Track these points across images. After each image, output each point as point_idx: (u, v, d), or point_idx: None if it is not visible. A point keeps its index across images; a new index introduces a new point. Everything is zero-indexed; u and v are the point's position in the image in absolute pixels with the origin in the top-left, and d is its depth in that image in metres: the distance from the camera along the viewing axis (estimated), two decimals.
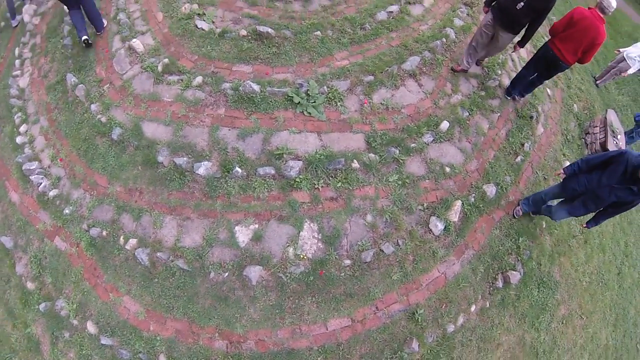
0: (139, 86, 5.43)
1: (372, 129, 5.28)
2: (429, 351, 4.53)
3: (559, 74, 6.51)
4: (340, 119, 5.25)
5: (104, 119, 5.22)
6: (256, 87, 5.19)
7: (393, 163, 5.10)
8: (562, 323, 5.90)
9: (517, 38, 5.53)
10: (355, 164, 4.87)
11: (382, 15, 6.59)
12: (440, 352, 4.59)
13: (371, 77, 5.70)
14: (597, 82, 9.78)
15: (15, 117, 5.94)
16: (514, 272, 5.27)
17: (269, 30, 5.82)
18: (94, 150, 5.11)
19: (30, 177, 5.20)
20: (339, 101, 5.33)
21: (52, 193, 5.03)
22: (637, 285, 7.74)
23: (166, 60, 5.47)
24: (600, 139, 7.46)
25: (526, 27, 5.16)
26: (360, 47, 6.16)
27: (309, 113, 5.15)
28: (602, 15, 5.08)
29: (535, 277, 5.66)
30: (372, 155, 5.03)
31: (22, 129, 5.75)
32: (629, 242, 7.87)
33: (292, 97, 5.18)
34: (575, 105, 7.98)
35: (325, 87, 5.42)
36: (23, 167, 5.27)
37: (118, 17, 6.25)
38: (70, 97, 5.65)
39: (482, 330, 4.99)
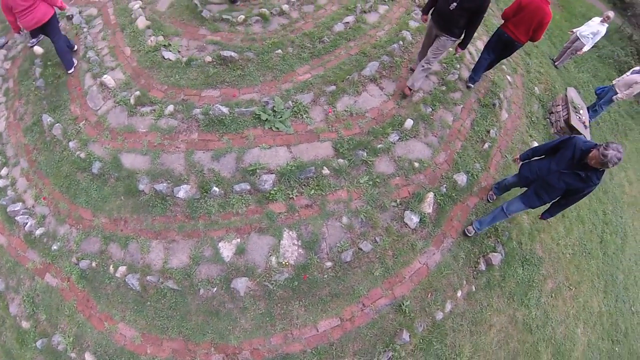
0: (114, 120, 5.49)
1: (338, 136, 5.39)
2: (421, 340, 4.57)
3: (519, 61, 7.09)
4: (307, 130, 5.35)
5: (83, 155, 5.25)
6: (225, 110, 5.30)
7: (362, 165, 5.19)
8: (552, 296, 5.95)
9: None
10: (326, 171, 4.97)
11: (339, 27, 6.74)
12: (432, 339, 4.63)
13: (333, 87, 5.82)
14: (556, 63, 9.96)
15: None
16: (494, 253, 5.32)
17: (232, 54, 5.94)
18: (76, 185, 5.13)
19: (15, 218, 5.19)
20: (304, 113, 5.45)
21: (38, 232, 5.02)
22: (622, 251, 7.82)
23: (137, 92, 5.56)
24: (563, 116, 7.57)
25: (465, 29, 5.14)
26: (320, 59, 6.28)
27: (277, 128, 5.25)
28: None
29: (517, 256, 5.69)
30: (340, 160, 5.11)
31: (3, 172, 5.71)
32: (607, 211, 7.95)
33: (260, 115, 5.29)
34: (536, 88, 8.12)
35: (290, 101, 5.53)
36: (7, 209, 5.25)
37: (87, 55, 6.30)
38: (48, 137, 5.67)
39: (472, 313, 5.02)
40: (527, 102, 7.72)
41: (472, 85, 6.78)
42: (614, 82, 8.59)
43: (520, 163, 4.89)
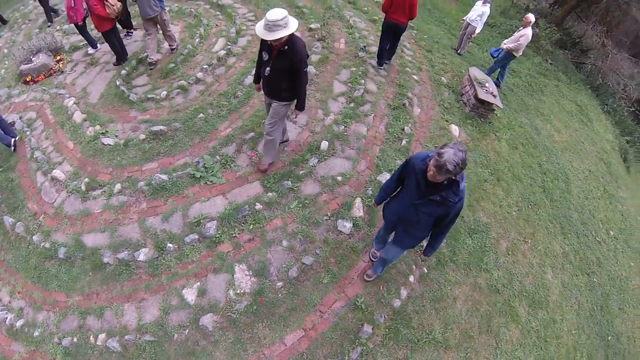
0: (70, 208, 5.67)
1: (264, 174, 5.66)
2: (387, 330, 4.61)
3: (422, 59, 8.31)
4: (236, 176, 5.65)
5: (47, 245, 5.36)
6: (165, 177, 5.60)
7: (290, 193, 5.43)
8: (509, 254, 5.96)
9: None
10: (259, 206, 5.23)
11: (249, 80, 7.15)
12: (398, 325, 4.66)
13: (252, 134, 6.16)
14: (458, 51, 10.51)
15: None
16: None
17: (162, 127, 6.29)
18: (46, 273, 5.21)
19: None
20: (231, 163, 5.77)
21: (18, 323, 5.03)
22: (568, 192, 7.99)
23: (86, 179, 5.79)
24: (472, 94, 7.81)
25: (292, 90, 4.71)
26: (237, 113, 6.65)
27: (211, 182, 5.54)
28: None
29: (462, 229, 5.74)
30: (270, 194, 5.36)
31: None
32: (541, 162, 8.13)
33: (194, 174, 5.58)
34: (443, 78, 8.50)
35: (217, 156, 5.85)
36: None
37: (35, 156, 6.46)
38: (12, 236, 5.75)
39: (431, 293, 5.02)
40: (437, 93, 7.99)
41: (382, 67, 7.66)
42: (503, 43, 9.33)
43: (381, 207, 4.20)
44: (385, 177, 5.77)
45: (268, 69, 4.52)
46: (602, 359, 6.23)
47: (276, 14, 3.98)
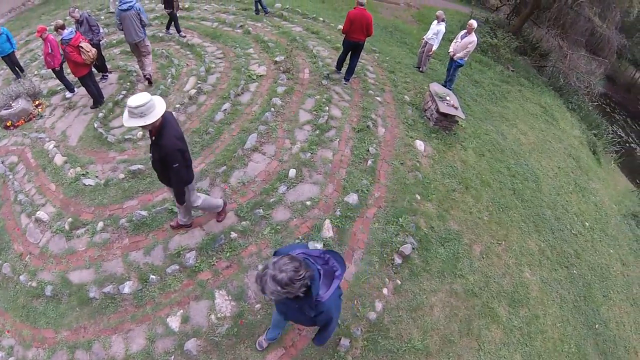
0: (55, 247, 5.69)
1: (237, 205, 5.80)
2: (365, 342, 4.58)
3: (385, 80, 8.91)
4: None
5: (34, 284, 5.34)
6: (145, 213, 5.70)
7: (262, 220, 5.56)
8: (483, 257, 5.92)
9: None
10: (234, 235, 5.35)
11: (219, 116, 7.39)
12: (376, 337, 4.64)
13: (224, 167, 6.32)
14: (420, 69, 10.71)
15: None
16: (405, 245, 5.40)
17: (140, 166, 6.42)
18: (34, 311, 5.17)
19: None
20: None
21: None
22: (539, 191, 7.92)
23: (70, 219, 5.83)
24: (435, 108, 7.85)
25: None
26: (210, 148, 6.82)
27: None
28: (363, 6, 7.74)
29: (433, 239, 5.72)
30: (243, 223, 5.50)
31: None
32: (509, 165, 8.12)
33: (172, 209, 5.70)
34: (406, 96, 8.69)
35: None
36: None
37: (18, 199, 6.48)
38: None
39: (406, 303, 5.00)
40: (400, 111, 8.16)
41: (345, 82, 8.66)
42: (450, 52, 9.49)
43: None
44: (352, 197, 5.90)
45: (151, 155, 4.19)
46: (592, 347, 6.15)
47: (137, 100, 3.57)
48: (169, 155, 3.90)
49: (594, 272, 7.26)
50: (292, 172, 6.22)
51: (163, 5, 11.14)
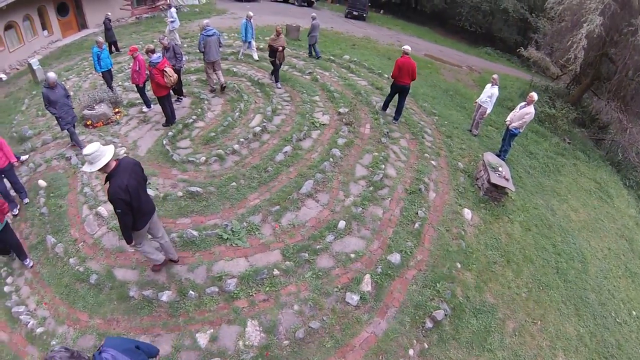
0: (107, 242, 6.21)
1: (285, 245, 6.11)
2: None
3: (441, 145, 9.55)
4: (259, 243, 6.15)
5: (81, 269, 5.76)
6: (195, 233, 6.19)
7: (306, 264, 5.83)
8: (516, 335, 5.82)
9: None
10: (276, 272, 5.63)
11: (280, 157, 7.98)
12: None
13: (278, 207, 6.77)
14: (472, 132, 10.80)
15: (1, 270, 6.21)
16: (438, 310, 5.50)
17: (198, 189, 6.99)
18: (75, 293, 5.54)
19: (19, 317, 5.39)
20: (256, 231, 6.34)
21: (39, 330, 5.19)
22: (585, 272, 7.58)
23: None
24: (486, 178, 7.96)
25: None
26: (267, 186, 7.33)
27: (236, 244, 6.07)
28: (408, 55, 9.25)
29: (467, 309, 5.76)
30: (288, 262, 5.80)
31: (9, 280, 6.04)
32: (555, 243, 7.90)
33: (222, 235, 6.17)
34: (460, 163, 8.87)
35: (244, 222, 6.45)
36: (12, 310, 5.48)
37: (84, 191, 7.17)
38: (51, 254, 6.17)
39: None
40: (453, 178, 8.32)
41: (395, 121, 9.89)
42: (507, 121, 9.40)
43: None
44: (395, 256, 6.12)
45: None
46: None
47: (88, 149, 4.16)
48: (112, 202, 4.34)
49: None
50: (342, 224, 6.51)
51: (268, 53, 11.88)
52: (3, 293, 5.92)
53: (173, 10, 15.52)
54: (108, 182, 4.36)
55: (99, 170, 4.28)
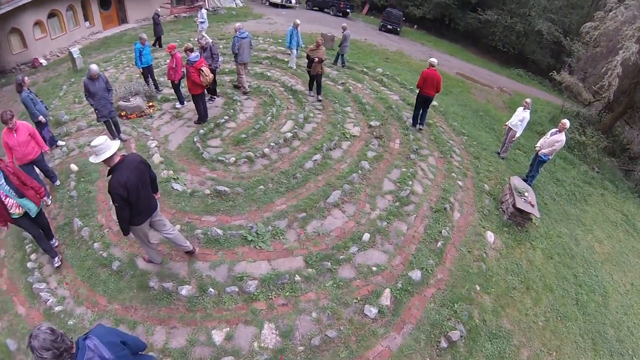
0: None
1: (308, 252, 6.15)
2: None
3: (469, 166, 9.51)
4: (283, 248, 6.18)
5: (105, 255, 5.89)
6: (220, 232, 6.27)
7: (327, 273, 5.84)
8: None
9: None
10: (298, 278, 5.64)
11: (309, 165, 8.03)
12: None
13: (304, 214, 6.82)
14: (500, 155, 10.70)
15: (27, 247, 6.32)
16: (454, 331, 5.44)
17: (226, 189, 7.09)
18: (97, 277, 5.65)
19: (39, 294, 5.50)
20: (281, 235, 6.38)
21: (57, 308, 5.30)
22: (605, 306, 7.41)
23: None
24: (511, 202, 7.90)
25: None
26: (294, 192, 7.38)
27: (260, 247, 6.12)
28: (434, 67, 9.60)
29: (483, 332, 5.69)
30: (310, 270, 5.81)
31: (33, 257, 6.14)
32: (577, 274, 7.78)
33: (247, 236, 6.23)
34: (486, 186, 8.82)
35: (270, 226, 6.50)
36: (33, 286, 5.59)
37: None
38: (77, 236, 6.31)
39: None
40: (478, 199, 8.29)
41: (416, 127, 10.20)
42: (537, 146, 9.18)
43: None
44: (416, 273, 6.09)
45: None
46: None
47: (96, 140, 4.35)
48: (110, 194, 4.47)
49: None
50: (366, 236, 6.55)
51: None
52: (26, 269, 6.05)
53: (204, 11, 16.11)
54: (110, 176, 4.47)
55: (104, 162, 4.40)
